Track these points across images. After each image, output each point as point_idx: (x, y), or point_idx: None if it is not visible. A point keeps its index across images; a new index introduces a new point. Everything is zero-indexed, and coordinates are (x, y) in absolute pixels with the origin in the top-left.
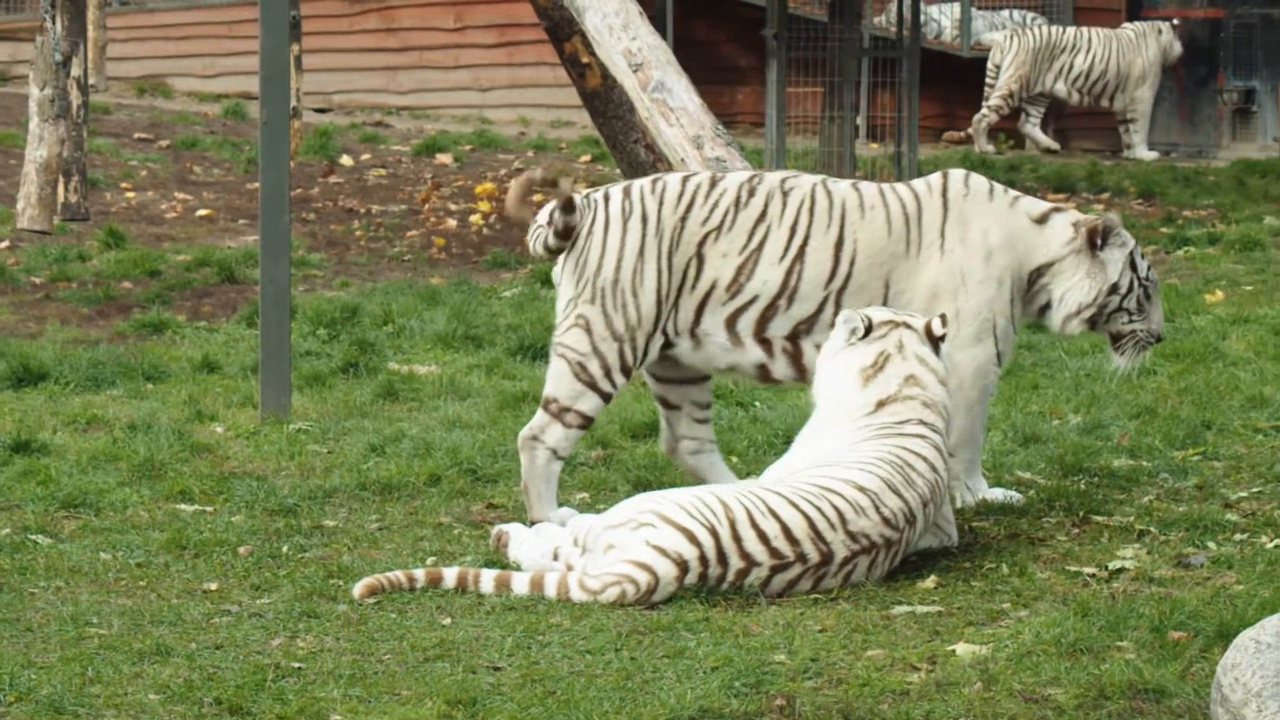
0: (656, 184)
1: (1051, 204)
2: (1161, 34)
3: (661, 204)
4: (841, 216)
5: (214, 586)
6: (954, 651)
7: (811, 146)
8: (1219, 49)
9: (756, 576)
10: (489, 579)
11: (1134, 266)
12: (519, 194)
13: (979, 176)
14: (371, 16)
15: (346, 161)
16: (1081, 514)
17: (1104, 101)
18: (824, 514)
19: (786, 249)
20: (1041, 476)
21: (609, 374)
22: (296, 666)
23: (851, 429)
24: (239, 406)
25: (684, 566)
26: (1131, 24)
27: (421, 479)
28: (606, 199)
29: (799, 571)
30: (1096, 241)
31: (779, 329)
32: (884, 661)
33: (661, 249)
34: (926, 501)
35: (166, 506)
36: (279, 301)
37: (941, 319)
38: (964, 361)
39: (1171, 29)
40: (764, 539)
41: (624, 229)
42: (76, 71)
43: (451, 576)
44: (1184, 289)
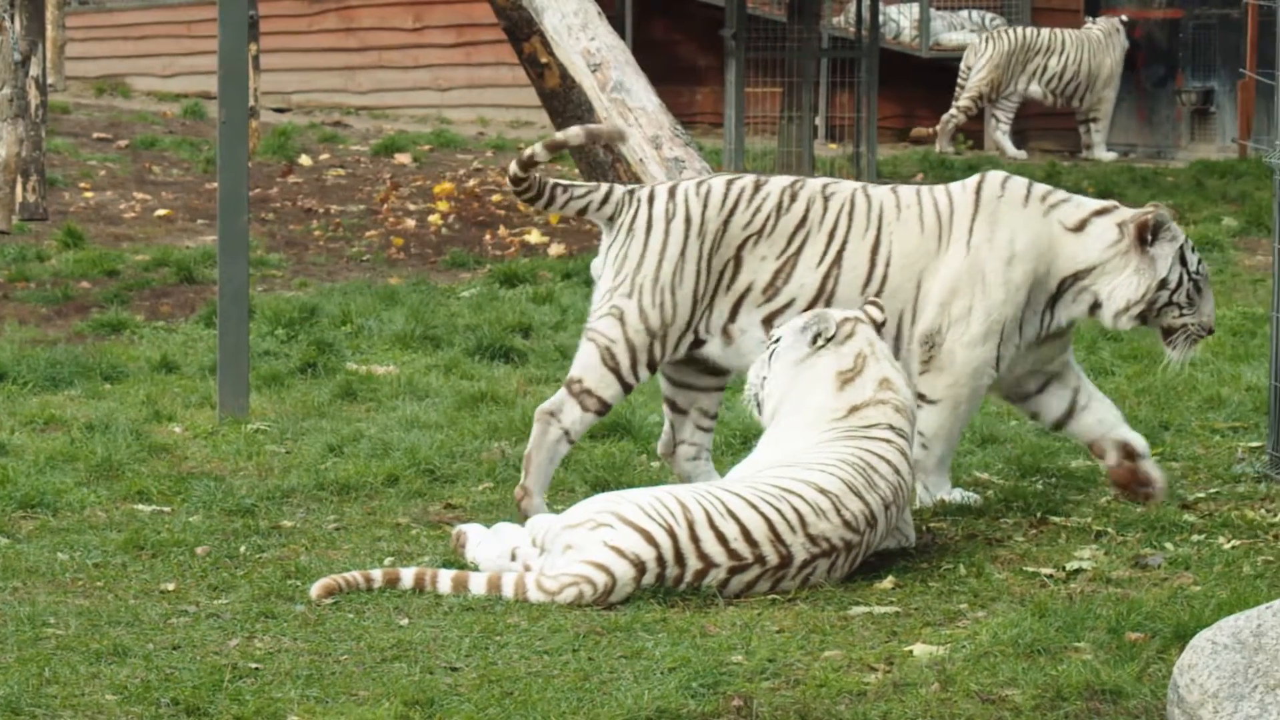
0: (701, 186)
1: (1097, 207)
2: (1119, 31)
3: (706, 206)
4: (879, 220)
5: (171, 587)
6: (911, 652)
7: (770, 147)
8: (1177, 50)
9: (714, 578)
10: (446, 579)
11: (1184, 261)
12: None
13: (1019, 180)
14: (330, 16)
15: (305, 161)
16: (1039, 515)
17: (1074, 102)
18: (784, 516)
19: (824, 254)
20: (999, 477)
21: (635, 366)
22: (254, 667)
23: (818, 431)
24: (197, 406)
25: (642, 567)
26: (1097, 23)
27: (379, 479)
28: (651, 199)
29: (757, 573)
30: (1146, 237)
31: None
32: (841, 662)
33: (702, 250)
34: (889, 504)
35: (124, 507)
36: (237, 301)
37: (877, 306)
38: (964, 359)
39: (1120, 23)
40: (722, 540)
41: (667, 230)
42: (35, 71)
43: (409, 577)
44: None
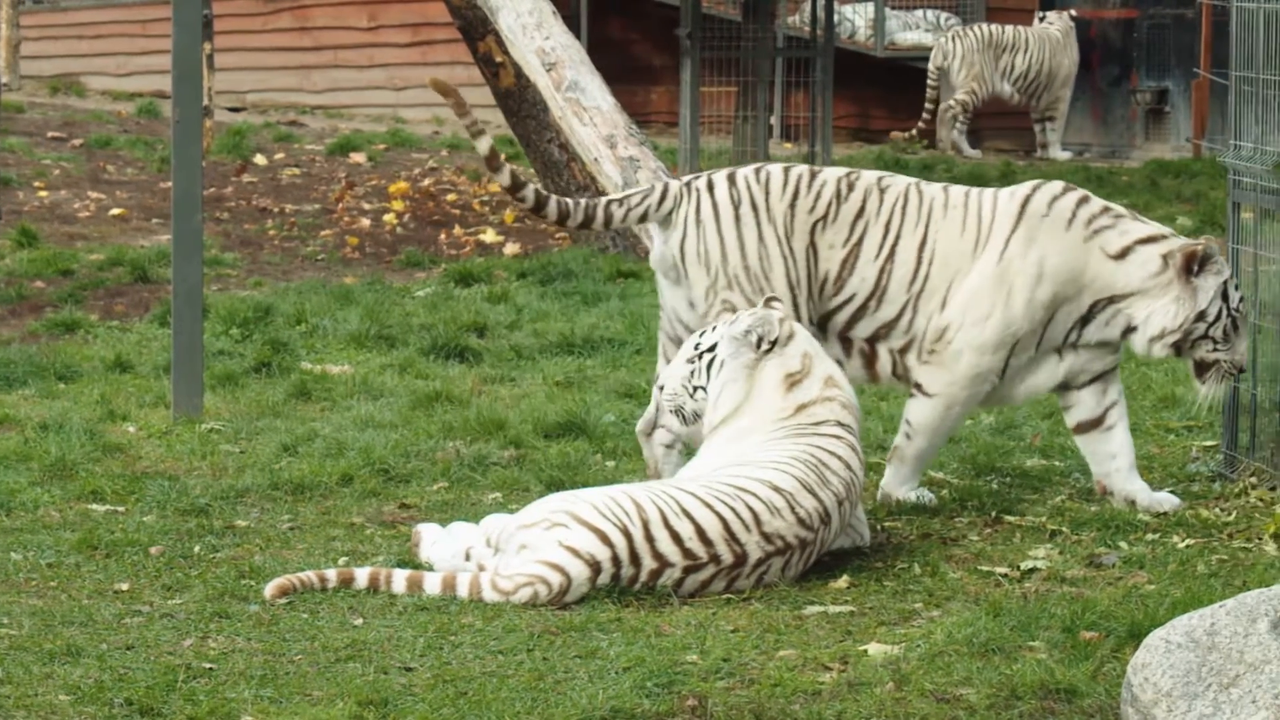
0: (760, 172)
1: (1143, 235)
2: (1073, 30)
3: (768, 192)
4: (928, 217)
5: (125, 587)
6: (866, 651)
7: (725, 146)
8: (1132, 49)
9: (669, 577)
10: (401, 579)
11: (1225, 296)
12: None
13: (1067, 201)
14: (285, 15)
15: (260, 161)
16: (994, 514)
17: (1034, 101)
18: (739, 515)
19: (881, 247)
20: (954, 476)
21: None
22: (208, 667)
23: (765, 432)
24: (151, 406)
25: (597, 567)
26: (1054, 21)
27: (334, 479)
28: (711, 187)
29: (712, 572)
30: (1193, 267)
31: (863, 330)
32: (796, 661)
33: (778, 235)
34: (842, 501)
35: (78, 506)
36: (191, 301)
37: (768, 301)
38: (969, 362)
39: (1072, 19)
40: (677, 540)
41: (737, 216)
42: None
43: (364, 577)
44: None
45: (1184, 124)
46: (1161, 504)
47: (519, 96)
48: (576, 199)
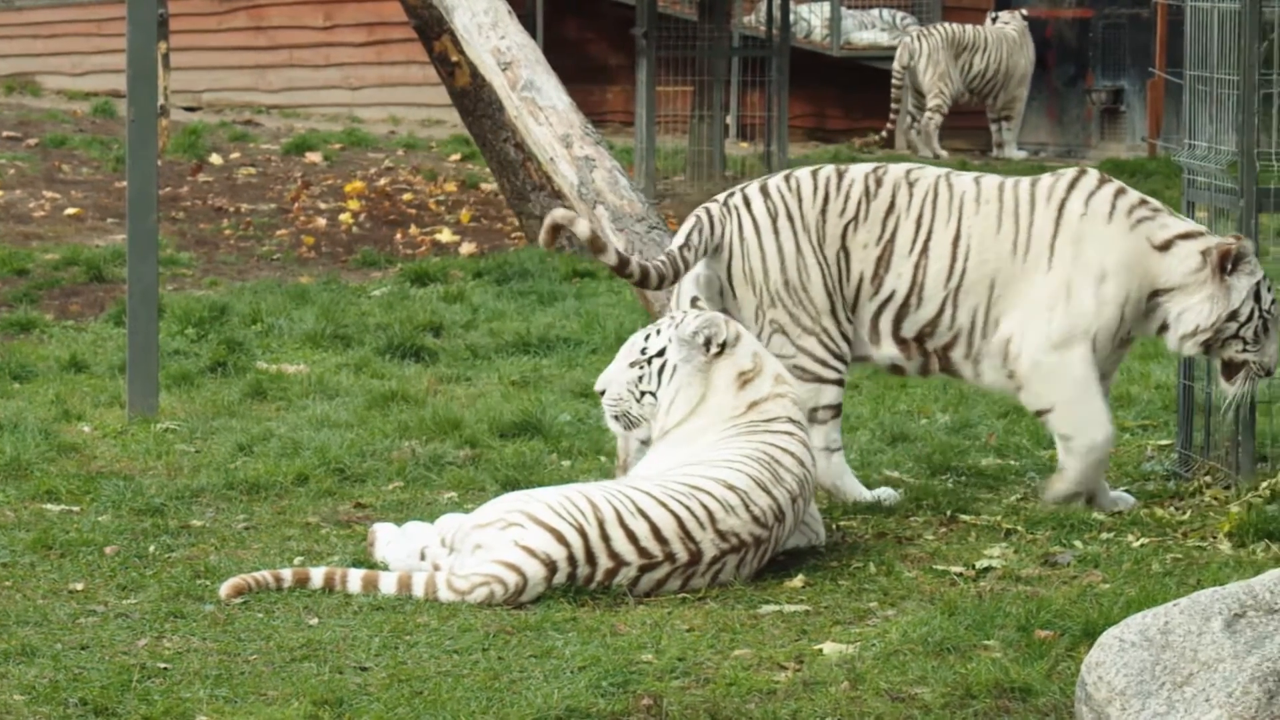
0: (790, 180)
1: (1182, 230)
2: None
3: (800, 199)
4: (960, 211)
5: (80, 586)
6: (821, 650)
7: (681, 146)
8: (1088, 49)
9: (625, 576)
10: (356, 579)
11: (1258, 297)
12: (548, 236)
13: (1104, 194)
14: (240, 15)
15: (216, 160)
16: (949, 513)
17: (989, 100)
18: (693, 513)
19: (914, 242)
20: (909, 475)
21: (825, 364)
22: (162, 667)
23: (717, 431)
24: (106, 406)
25: (552, 567)
26: (1009, 20)
27: (289, 478)
28: (748, 203)
29: (667, 571)
30: (1226, 266)
31: (908, 330)
32: (751, 661)
33: (812, 243)
34: (796, 498)
35: (32, 506)
36: (146, 300)
37: (694, 301)
38: (1052, 363)
39: (1022, 17)
40: (633, 539)
41: (775, 230)
42: None
43: (319, 576)
44: None
45: (1139, 123)
46: (1118, 504)
47: (475, 96)
48: (662, 260)
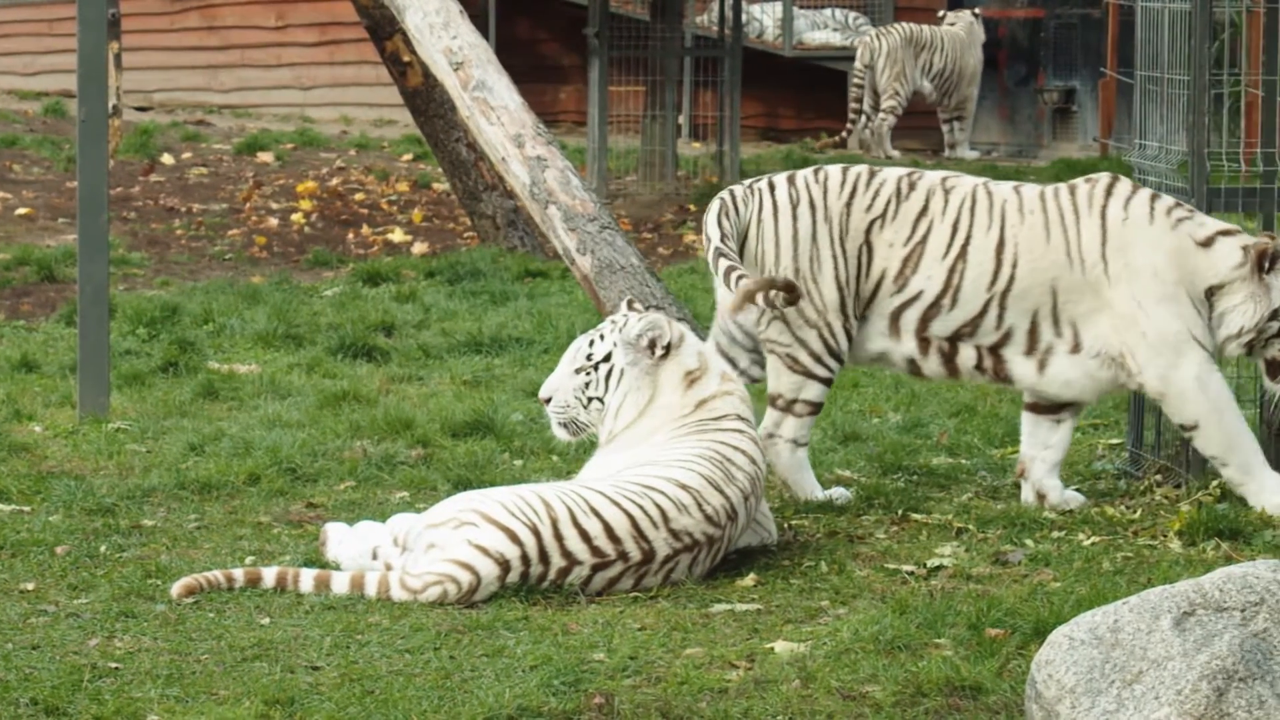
0: (819, 173)
1: (1221, 228)
2: (975, 25)
3: (826, 191)
4: (1001, 218)
5: (31, 586)
6: (773, 649)
7: (634, 145)
8: (1039, 49)
9: (578, 575)
10: (308, 578)
11: None
12: (742, 300)
13: (1140, 198)
14: (192, 15)
15: (167, 160)
16: (900, 512)
17: (945, 100)
18: (646, 512)
19: (949, 246)
20: (861, 474)
21: (819, 359)
22: (113, 666)
23: (669, 430)
24: (57, 406)
25: (506, 565)
26: (955, 20)
27: (241, 478)
28: (772, 188)
29: (620, 570)
30: (1264, 265)
31: (941, 329)
32: (703, 659)
33: (832, 234)
34: (748, 496)
35: None
36: (97, 300)
37: (630, 303)
38: (1180, 379)
39: (974, 16)
40: (586, 537)
41: (793, 216)
42: None
43: (270, 576)
44: None
45: (1091, 123)
46: (1069, 503)
47: (426, 96)
48: (730, 264)
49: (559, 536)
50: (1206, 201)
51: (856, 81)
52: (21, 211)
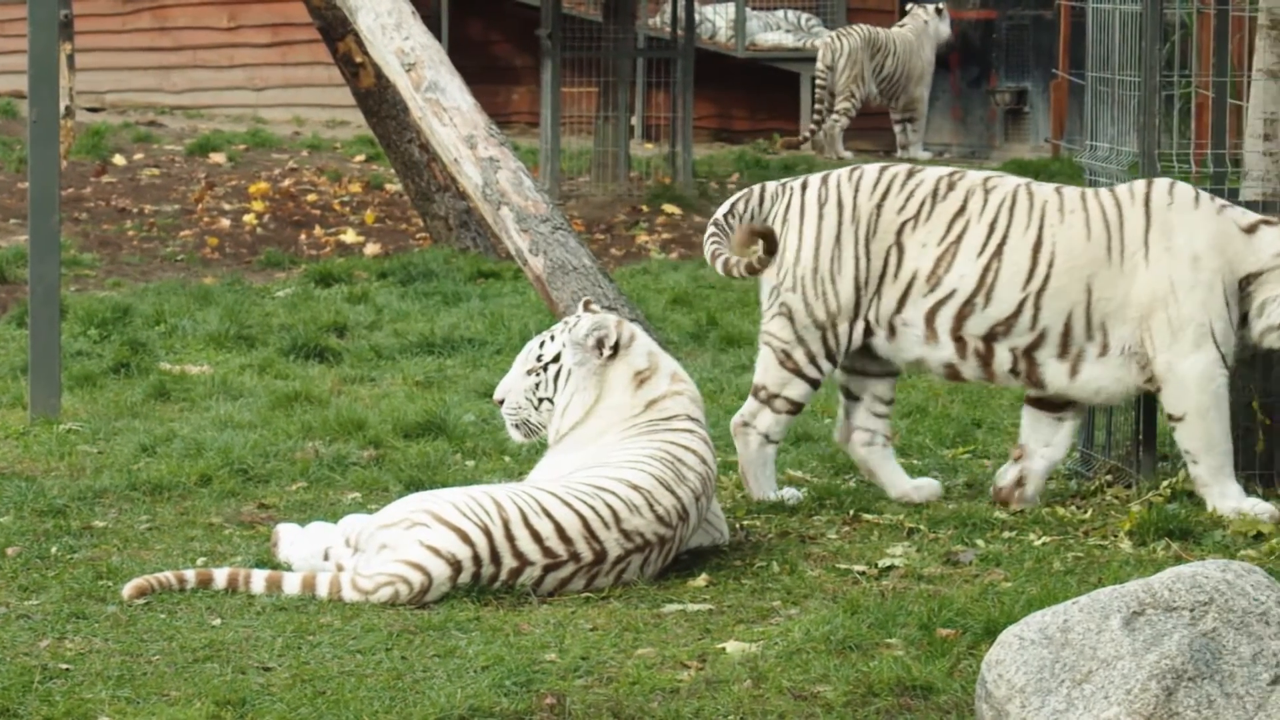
0: (853, 173)
1: (1261, 216)
2: (928, 24)
3: (857, 191)
4: (1041, 218)
5: None
6: (724, 649)
7: (586, 146)
8: (991, 50)
9: (529, 575)
10: (260, 579)
11: None
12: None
13: (1184, 185)
14: (144, 15)
15: (119, 161)
16: (852, 512)
17: (893, 102)
18: (598, 513)
19: (985, 245)
20: (813, 475)
21: (814, 361)
22: (64, 668)
23: (619, 431)
24: (8, 407)
25: (458, 566)
26: (906, 22)
27: (192, 479)
28: (804, 187)
29: (572, 570)
30: None
31: (975, 328)
32: (654, 660)
33: (858, 235)
34: (699, 496)
35: None
36: (48, 301)
37: (586, 304)
38: (1187, 369)
39: (937, 13)
40: (537, 538)
41: (820, 216)
42: None
43: (222, 577)
44: None
45: (1043, 124)
46: (1033, 500)
47: (379, 97)
48: (714, 237)
49: (511, 537)
50: None
51: (820, 82)
52: None
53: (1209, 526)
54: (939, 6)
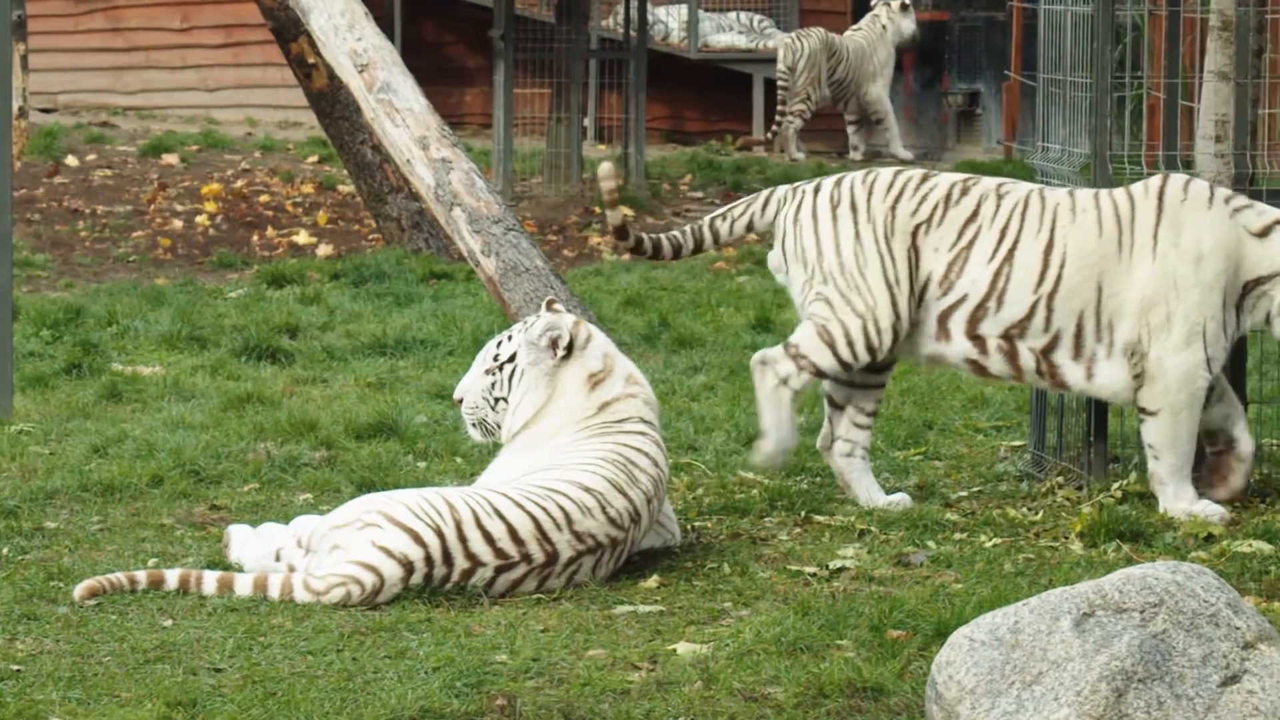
0: (868, 175)
1: (1278, 215)
2: (886, 27)
3: (870, 194)
4: (1053, 221)
5: None
6: (675, 651)
7: (539, 148)
8: (944, 52)
9: (481, 577)
10: (211, 580)
11: None
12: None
13: (1200, 183)
14: (97, 16)
15: (72, 162)
16: (803, 514)
17: (841, 105)
18: (550, 515)
19: (996, 250)
20: (764, 476)
21: (850, 343)
22: (15, 669)
23: (570, 433)
24: None
25: (409, 567)
26: (863, 25)
27: (144, 480)
28: (817, 190)
29: (524, 572)
30: None
31: (991, 329)
32: (605, 661)
33: (876, 235)
34: (650, 498)
35: None
36: (1, 302)
37: (549, 303)
38: (1173, 366)
39: (902, 9)
40: (489, 540)
41: (834, 217)
42: None
43: (174, 578)
44: None
45: (995, 126)
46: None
47: (332, 98)
48: (682, 229)
49: (463, 538)
50: None
51: (781, 83)
52: None
53: (1160, 528)
54: (904, 2)
